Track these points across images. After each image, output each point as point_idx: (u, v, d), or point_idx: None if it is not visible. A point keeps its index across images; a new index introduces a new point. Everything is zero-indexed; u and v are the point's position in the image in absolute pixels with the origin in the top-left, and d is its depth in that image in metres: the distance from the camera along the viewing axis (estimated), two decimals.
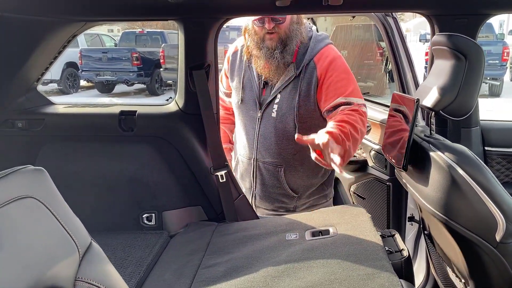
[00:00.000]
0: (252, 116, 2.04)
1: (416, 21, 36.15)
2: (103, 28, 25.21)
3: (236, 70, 2.09)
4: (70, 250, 0.94)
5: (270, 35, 1.88)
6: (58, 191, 0.99)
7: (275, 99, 1.97)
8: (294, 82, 1.94)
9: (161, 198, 1.98)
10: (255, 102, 2.02)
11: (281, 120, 1.97)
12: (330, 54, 1.94)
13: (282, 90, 1.96)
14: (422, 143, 1.52)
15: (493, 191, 1.26)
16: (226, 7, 1.81)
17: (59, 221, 0.94)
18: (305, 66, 1.93)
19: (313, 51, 1.94)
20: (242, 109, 2.07)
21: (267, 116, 1.99)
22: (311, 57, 1.93)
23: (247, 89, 2.04)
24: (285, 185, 2.05)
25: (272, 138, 1.99)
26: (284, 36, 1.88)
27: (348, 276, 1.30)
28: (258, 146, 2.03)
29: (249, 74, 2.05)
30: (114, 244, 1.84)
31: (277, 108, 1.96)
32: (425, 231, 1.83)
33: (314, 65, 1.92)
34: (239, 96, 2.06)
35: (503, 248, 1.28)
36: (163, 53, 12.12)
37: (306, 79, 1.92)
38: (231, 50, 2.14)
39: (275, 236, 1.65)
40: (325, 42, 1.98)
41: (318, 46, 1.96)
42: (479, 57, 1.42)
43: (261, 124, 2.01)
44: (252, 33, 1.93)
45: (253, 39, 1.93)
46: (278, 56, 1.88)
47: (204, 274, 1.48)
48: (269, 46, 1.88)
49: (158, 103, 2.15)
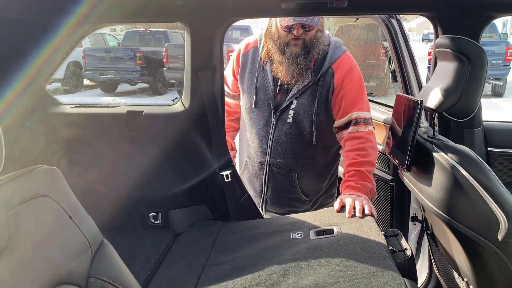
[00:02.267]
0: (265, 120, 2.01)
1: (419, 20, 36.07)
2: (106, 28, 25.24)
3: (248, 72, 2.05)
4: (83, 248, 0.97)
5: (295, 40, 1.85)
6: (71, 190, 1.02)
7: (291, 104, 1.95)
8: (312, 88, 1.93)
9: (167, 197, 2.00)
10: (269, 107, 1.99)
11: (297, 125, 1.96)
12: (348, 62, 1.94)
13: (299, 96, 1.94)
14: (425, 144, 1.54)
15: (495, 191, 1.28)
16: (232, 9, 1.83)
17: (73, 219, 0.97)
18: (324, 73, 1.91)
19: (332, 58, 1.93)
20: (254, 113, 2.04)
21: (282, 121, 1.97)
22: (330, 64, 1.92)
23: (260, 93, 2.00)
24: (298, 189, 2.06)
25: (288, 143, 1.98)
26: (309, 43, 1.87)
27: (352, 275, 1.32)
28: (271, 151, 2.02)
29: (263, 77, 2.00)
30: (122, 242, 1.85)
31: (293, 114, 1.94)
32: (428, 230, 1.85)
33: (333, 72, 1.91)
34: (252, 100, 2.02)
35: (505, 248, 1.30)
36: (166, 52, 12.11)
37: (325, 86, 1.91)
38: (241, 51, 2.09)
39: (280, 235, 1.67)
40: (342, 49, 1.97)
41: (336, 53, 1.95)
42: (482, 59, 1.43)
43: (275, 129, 1.99)
44: (275, 37, 1.90)
45: (275, 43, 1.90)
46: (302, 63, 1.86)
47: (211, 272, 1.50)
48: (293, 51, 1.86)
49: (164, 104, 2.17)
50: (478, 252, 1.37)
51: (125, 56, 12.58)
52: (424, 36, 15.80)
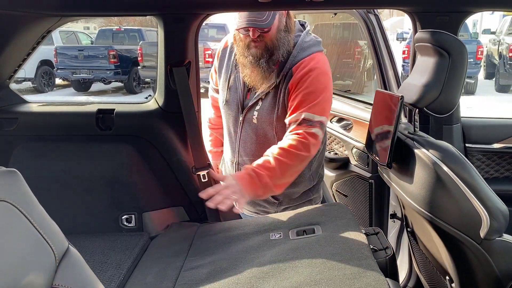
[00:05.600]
0: (234, 119, 1.98)
1: (393, 20, 36.69)
2: (79, 26, 24.77)
3: (224, 67, 2.02)
4: (46, 256, 0.89)
5: (255, 43, 1.79)
6: (32, 194, 0.94)
7: (256, 105, 1.90)
8: (274, 90, 1.87)
9: (141, 199, 1.93)
10: (237, 105, 1.95)
11: (262, 126, 1.91)
12: (309, 64, 1.83)
13: (264, 97, 1.89)
14: (406, 140, 1.52)
15: (478, 187, 1.27)
16: (206, 3, 1.77)
17: (34, 225, 0.89)
18: (284, 75, 1.84)
19: (294, 60, 1.84)
20: (226, 110, 2.01)
21: (248, 121, 1.93)
22: (291, 66, 1.84)
23: (232, 90, 1.97)
24: None
25: (253, 143, 1.95)
26: (271, 45, 1.79)
27: (334, 276, 1.29)
28: (239, 149, 1.98)
29: (236, 75, 1.97)
30: (93, 247, 1.78)
31: (257, 115, 1.90)
32: (408, 228, 1.84)
33: (292, 74, 1.83)
34: (224, 97, 1.99)
35: (487, 245, 1.29)
36: (141, 50, 11.96)
37: (284, 88, 1.84)
38: (221, 45, 2.06)
39: (259, 235, 1.62)
40: (310, 50, 1.86)
41: (300, 55, 1.85)
42: (462, 54, 1.42)
43: (242, 128, 1.95)
44: (238, 39, 1.85)
45: (238, 45, 1.85)
46: (264, 66, 1.80)
47: (187, 277, 1.44)
48: (254, 54, 1.80)
49: (137, 101, 2.10)
50: (460, 249, 1.35)
51: (99, 55, 12.42)
52: (398, 35, 16.04)
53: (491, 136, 2.05)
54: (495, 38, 13.40)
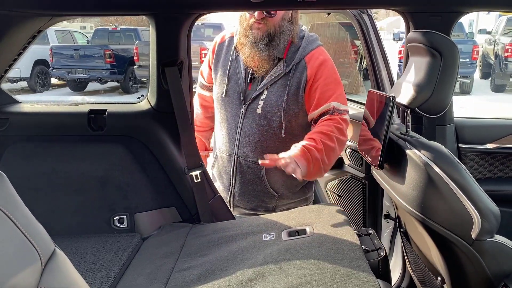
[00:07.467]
0: (235, 110, 1.99)
1: (389, 19, 36.75)
2: (75, 25, 24.71)
3: (222, 61, 2.05)
4: (31, 259, 0.88)
5: (258, 24, 1.87)
6: (18, 196, 0.93)
7: (261, 94, 1.94)
8: (283, 79, 1.92)
9: (133, 199, 1.92)
10: (239, 96, 1.97)
11: (266, 117, 1.93)
12: (321, 55, 1.94)
13: (270, 86, 1.93)
14: (398, 141, 1.51)
15: (469, 188, 1.26)
16: (198, 2, 1.76)
17: (19, 227, 0.88)
18: (295, 65, 1.92)
19: (304, 50, 1.94)
20: (225, 102, 2.01)
21: (251, 112, 1.95)
22: (302, 56, 1.93)
23: (232, 81, 1.99)
24: (266, 183, 2.01)
25: (256, 134, 1.95)
26: (272, 30, 1.87)
27: (326, 277, 1.28)
28: (240, 142, 1.98)
29: (235, 66, 2.00)
30: (84, 248, 1.77)
31: (262, 104, 1.93)
32: (401, 228, 1.84)
33: (305, 64, 1.92)
34: (223, 89, 2.00)
35: (479, 246, 1.29)
36: (137, 50, 11.92)
37: (296, 78, 1.91)
38: (217, 42, 2.10)
39: (251, 236, 1.62)
40: (317, 43, 1.98)
41: (310, 46, 1.96)
42: (454, 54, 1.42)
43: (244, 120, 1.96)
44: (242, 19, 1.92)
45: (242, 25, 1.92)
46: (263, 48, 1.87)
47: (178, 278, 1.44)
48: (255, 35, 1.88)
49: (129, 101, 2.09)
50: (451, 250, 1.35)
51: (95, 54, 12.38)
52: (394, 35, 16.05)
53: (484, 137, 2.05)
54: (491, 38, 13.43)
